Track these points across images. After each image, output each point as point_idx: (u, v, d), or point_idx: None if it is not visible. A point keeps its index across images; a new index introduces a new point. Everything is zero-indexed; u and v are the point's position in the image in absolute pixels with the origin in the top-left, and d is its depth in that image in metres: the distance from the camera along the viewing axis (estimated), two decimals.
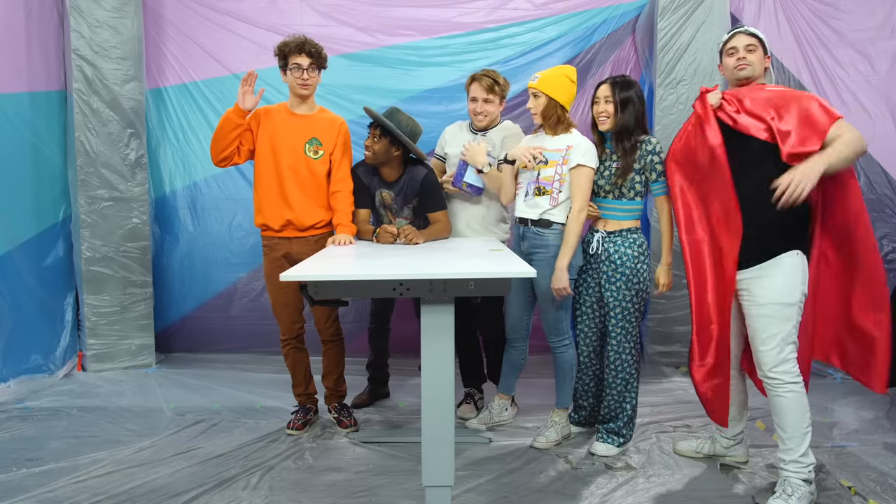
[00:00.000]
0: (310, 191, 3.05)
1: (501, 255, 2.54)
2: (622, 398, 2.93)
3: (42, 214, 4.01)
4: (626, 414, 2.93)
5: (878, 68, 4.26)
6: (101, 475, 2.69)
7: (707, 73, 4.10)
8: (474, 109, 3.25)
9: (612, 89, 2.84)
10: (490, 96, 3.21)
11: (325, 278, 2.06)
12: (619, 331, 2.88)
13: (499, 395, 3.30)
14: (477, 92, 3.23)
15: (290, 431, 3.16)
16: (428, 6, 4.48)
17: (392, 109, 3.15)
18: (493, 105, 3.24)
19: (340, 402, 3.28)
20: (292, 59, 2.98)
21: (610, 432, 2.95)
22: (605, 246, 2.89)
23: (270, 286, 3.12)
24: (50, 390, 3.74)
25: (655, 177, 2.82)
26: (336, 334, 3.22)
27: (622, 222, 2.88)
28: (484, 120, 3.26)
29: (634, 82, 2.88)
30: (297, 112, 3.07)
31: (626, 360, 2.90)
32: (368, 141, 3.10)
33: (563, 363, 3.05)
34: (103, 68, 4.01)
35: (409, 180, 3.18)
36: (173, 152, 4.44)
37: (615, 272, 2.86)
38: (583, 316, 3.04)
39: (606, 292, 2.89)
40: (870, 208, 4.22)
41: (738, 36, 2.59)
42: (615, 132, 2.86)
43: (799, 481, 2.43)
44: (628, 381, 2.92)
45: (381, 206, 3.26)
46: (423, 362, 2.13)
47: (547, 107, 2.92)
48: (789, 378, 2.43)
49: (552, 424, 3.07)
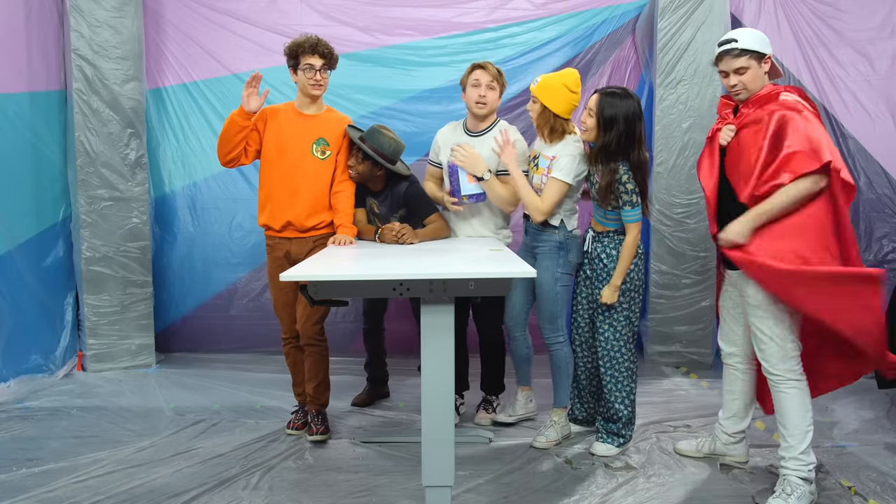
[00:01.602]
0: (315, 192, 3.04)
1: (501, 254, 2.54)
2: (614, 398, 2.92)
3: (42, 214, 4.01)
4: (623, 414, 2.92)
5: (878, 68, 4.26)
6: (101, 475, 2.69)
7: (707, 73, 4.10)
8: (476, 95, 3.08)
9: (598, 104, 2.77)
10: (494, 83, 3.10)
11: (325, 278, 2.06)
12: (606, 327, 2.89)
13: (521, 389, 3.33)
14: (482, 76, 3.08)
15: (291, 431, 3.15)
16: (428, 6, 4.48)
17: (374, 129, 3.08)
18: (495, 93, 3.12)
19: (318, 410, 3.14)
20: (305, 59, 2.95)
21: (609, 433, 2.95)
22: (594, 245, 2.92)
23: (272, 286, 3.12)
24: (50, 390, 3.74)
25: (621, 205, 2.78)
26: (317, 337, 3.07)
27: (608, 228, 2.90)
28: (485, 108, 3.11)
29: (627, 99, 2.75)
30: (305, 112, 3.06)
31: (617, 358, 2.89)
32: (352, 161, 3.07)
33: (559, 361, 3.07)
34: (103, 68, 4.01)
35: (391, 194, 3.21)
36: (173, 152, 4.44)
37: (602, 271, 2.88)
38: (576, 314, 3.06)
39: (595, 291, 2.91)
40: (870, 208, 4.27)
41: (726, 59, 2.47)
42: (597, 147, 2.82)
43: (798, 480, 2.43)
44: (619, 381, 2.91)
45: (371, 212, 3.29)
46: (423, 362, 2.13)
47: (540, 115, 2.95)
48: (792, 375, 2.44)
49: (552, 424, 3.08)
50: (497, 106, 3.18)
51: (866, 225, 4.28)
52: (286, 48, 3.01)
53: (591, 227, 2.96)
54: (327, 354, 3.14)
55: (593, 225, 2.95)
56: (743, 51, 2.44)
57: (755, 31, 2.51)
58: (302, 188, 3.01)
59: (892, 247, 4.25)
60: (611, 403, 2.92)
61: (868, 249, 4.27)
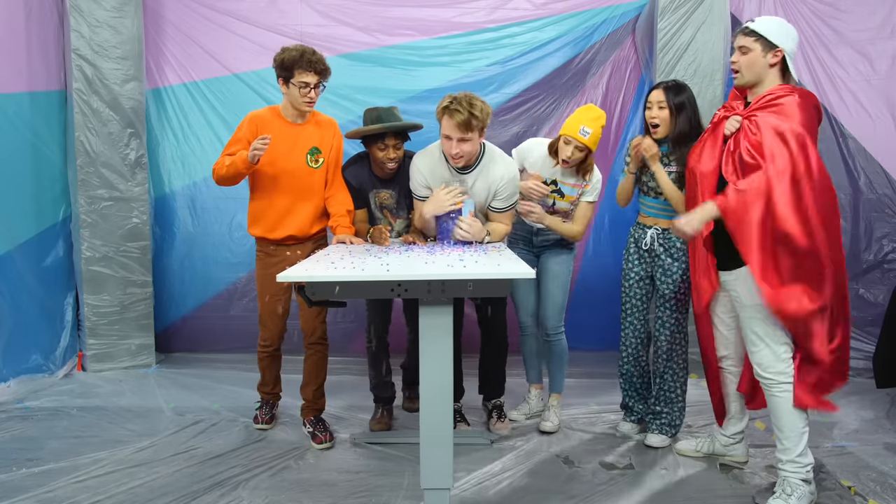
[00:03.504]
0: (315, 202, 3.01)
1: (501, 255, 2.53)
2: (677, 387, 3.01)
3: (42, 214, 4.01)
4: (681, 402, 3.02)
5: (878, 68, 4.26)
6: (101, 475, 2.69)
7: (707, 73, 4.09)
8: (449, 151, 2.73)
9: (665, 96, 2.84)
10: (467, 134, 2.67)
11: (324, 279, 2.06)
12: (672, 321, 2.95)
13: (533, 387, 3.43)
14: (450, 130, 2.67)
15: (260, 426, 3.19)
16: (428, 6, 4.48)
17: (379, 112, 2.98)
18: (471, 143, 2.71)
19: (317, 416, 3.13)
20: (300, 75, 2.83)
21: (665, 424, 3.02)
22: (661, 241, 2.95)
23: (262, 294, 3.06)
24: (50, 390, 3.74)
25: None
26: (323, 336, 3.09)
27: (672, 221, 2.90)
28: (461, 161, 2.78)
29: (686, 86, 2.88)
30: (294, 122, 2.97)
31: (678, 352, 2.98)
32: (391, 153, 2.93)
33: (560, 351, 3.25)
34: (103, 68, 4.01)
35: (404, 174, 3.05)
36: (173, 152, 4.44)
37: (672, 265, 2.93)
38: (632, 316, 3.08)
39: (662, 284, 2.95)
40: (870, 208, 4.26)
41: (737, 36, 2.48)
42: (672, 138, 2.85)
43: (798, 481, 2.42)
44: (678, 373, 3.00)
45: (378, 207, 3.17)
46: (422, 364, 2.12)
47: (584, 159, 3.02)
48: (784, 378, 2.42)
49: (551, 408, 3.26)
50: (478, 149, 2.84)
51: (866, 225, 4.28)
52: (277, 58, 2.86)
53: (649, 224, 2.99)
54: (328, 355, 3.14)
55: (651, 222, 2.98)
56: (753, 31, 2.42)
57: (780, 23, 2.44)
58: (302, 201, 2.97)
59: (892, 247, 4.25)
60: (672, 392, 3.00)
61: (868, 249, 4.27)
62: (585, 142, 2.91)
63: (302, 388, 3.14)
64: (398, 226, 3.19)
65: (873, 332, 3.97)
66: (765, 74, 2.44)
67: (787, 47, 2.41)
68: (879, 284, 4.24)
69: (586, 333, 4.35)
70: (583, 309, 4.34)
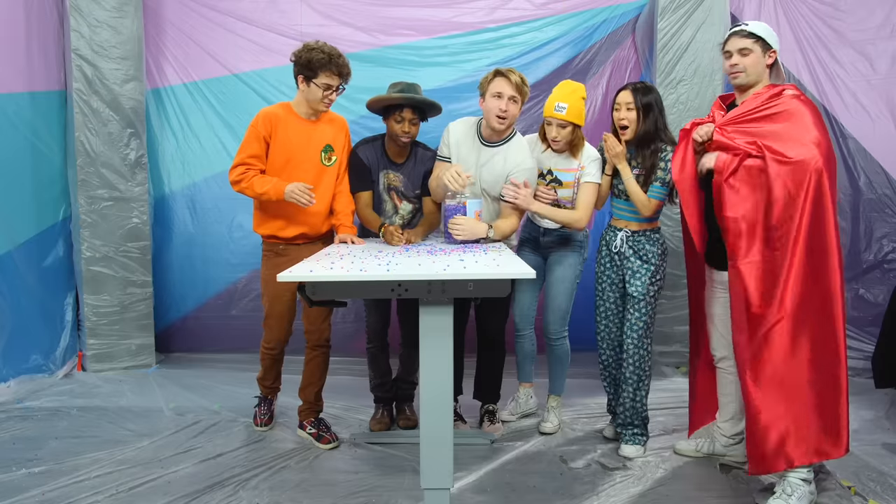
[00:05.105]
0: (326, 200, 3.01)
1: (501, 255, 2.53)
2: (639, 394, 2.95)
3: (42, 214, 4.01)
4: (644, 409, 2.98)
5: (878, 68, 4.26)
6: (101, 475, 2.69)
7: (707, 73, 4.10)
8: (497, 108, 2.85)
9: (633, 96, 2.85)
10: (517, 95, 2.86)
11: (324, 279, 2.06)
12: (640, 325, 2.92)
13: (522, 385, 3.42)
14: (504, 87, 2.84)
15: (260, 428, 3.18)
16: (428, 6, 4.48)
17: (412, 84, 3.09)
18: (517, 107, 2.89)
19: (317, 418, 3.11)
20: (325, 77, 2.82)
21: (636, 434, 2.97)
22: (630, 244, 2.94)
23: (268, 294, 3.04)
24: (50, 390, 3.74)
25: (653, 180, 2.87)
26: (328, 339, 3.08)
27: (643, 224, 2.93)
28: (505, 123, 2.89)
29: (654, 88, 2.90)
30: (307, 119, 2.97)
31: (643, 355, 2.93)
32: (406, 126, 2.98)
33: (562, 354, 3.23)
34: (103, 68, 4.01)
35: (416, 161, 3.11)
36: (173, 152, 4.44)
37: (641, 267, 2.91)
38: (606, 313, 3.05)
39: (631, 287, 2.92)
40: (870, 208, 4.27)
41: (733, 38, 2.54)
42: (637, 138, 2.87)
43: (798, 481, 2.42)
44: (643, 380, 2.94)
45: (386, 189, 3.14)
46: (422, 364, 2.12)
47: (574, 136, 2.98)
48: None
49: (551, 409, 3.26)
50: (514, 123, 2.97)
51: (866, 225, 4.28)
52: (303, 57, 2.83)
53: (620, 227, 2.97)
54: (329, 358, 3.14)
55: (623, 224, 2.96)
56: (752, 34, 2.51)
57: (767, 26, 2.57)
58: (317, 199, 2.92)
59: (892, 247, 4.25)
60: (634, 399, 2.95)
61: (868, 249, 4.27)
62: (563, 117, 2.90)
63: (301, 390, 3.13)
64: (403, 208, 3.17)
65: (873, 333, 3.97)
66: (763, 74, 2.55)
67: (778, 49, 2.56)
68: (879, 284, 4.25)
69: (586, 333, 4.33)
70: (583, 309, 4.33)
